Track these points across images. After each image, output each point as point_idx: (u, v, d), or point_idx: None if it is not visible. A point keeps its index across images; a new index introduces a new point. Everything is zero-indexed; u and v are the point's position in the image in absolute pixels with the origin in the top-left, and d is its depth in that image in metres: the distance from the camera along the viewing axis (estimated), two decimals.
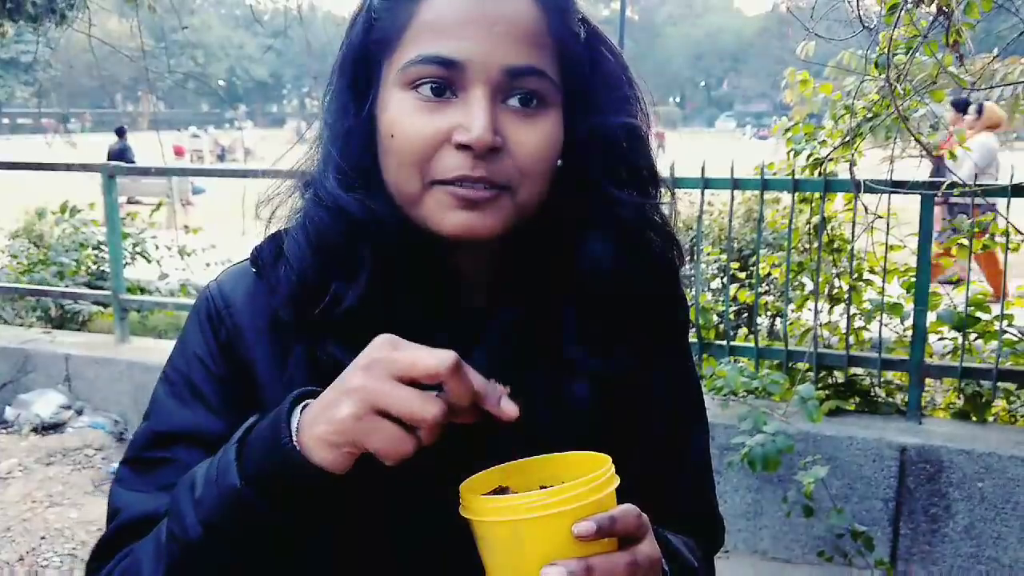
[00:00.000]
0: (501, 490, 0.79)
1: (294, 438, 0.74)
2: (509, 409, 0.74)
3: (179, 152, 21.38)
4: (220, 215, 10.36)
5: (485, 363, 0.87)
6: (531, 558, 0.70)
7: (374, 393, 0.71)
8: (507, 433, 0.86)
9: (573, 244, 0.90)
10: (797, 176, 3.78)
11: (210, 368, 0.92)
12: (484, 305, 0.92)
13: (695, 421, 1.07)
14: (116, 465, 4.26)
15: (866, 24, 3.07)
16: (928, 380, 3.64)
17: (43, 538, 3.68)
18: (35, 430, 4.75)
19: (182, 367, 0.94)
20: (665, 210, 0.95)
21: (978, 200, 3.48)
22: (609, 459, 0.77)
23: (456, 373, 0.71)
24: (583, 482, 0.72)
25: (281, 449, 0.74)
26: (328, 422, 0.72)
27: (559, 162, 0.88)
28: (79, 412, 4.88)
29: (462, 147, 0.80)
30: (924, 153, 3.66)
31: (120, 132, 15.61)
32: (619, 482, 0.75)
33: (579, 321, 0.90)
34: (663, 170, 0.96)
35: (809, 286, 4.09)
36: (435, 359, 0.71)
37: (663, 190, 0.94)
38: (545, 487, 0.76)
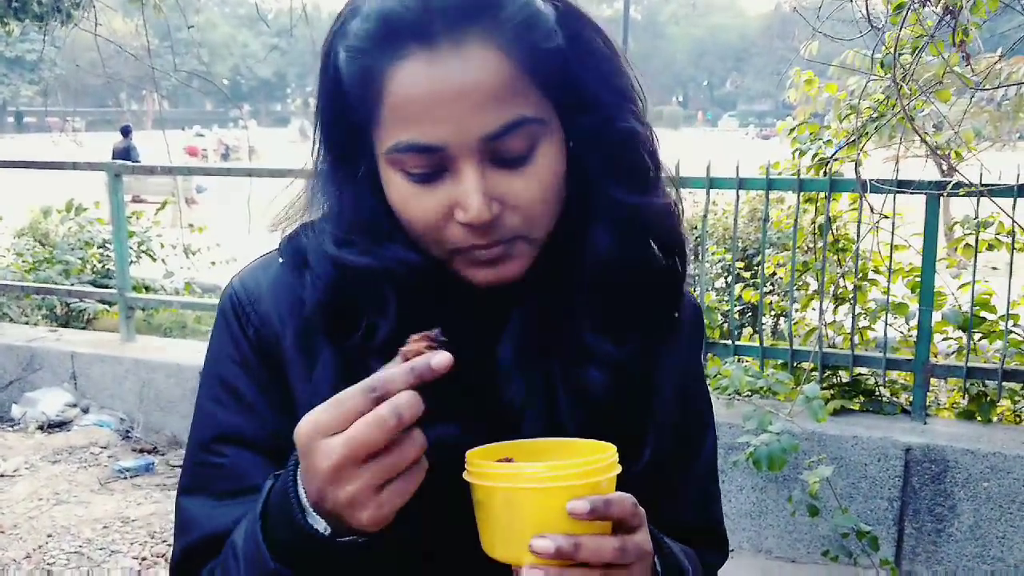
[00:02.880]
0: (506, 461, 0.80)
1: (308, 513, 0.74)
2: (439, 361, 0.72)
3: (192, 152, 21.34)
4: (224, 214, 10.39)
5: (511, 356, 0.90)
6: (524, 527, 0.72)
7: (361, 487, 0.71)
8: (536, 421, 0.89)
9: (578, 238, 0.90)
10: (802, 176, 3.78)
11: (241, 364, 0.92)
12: (506, 301, 0.92)
13: (704, 429, 1.08)
14: (122, 463, 4.30)
15: (874, 24, 3.07)
16: (933, 380, 3.64)
17: (50, 536, 3.70)
18: (41, 428, 4.77)
19: (215, 369, 0.95)
20: (671, 198, 0.93)
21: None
22: (614, 448, 0.78)
23: (387, 412, 0.70)
24: (584, 462, 0.73)
25: (300, 530, 0.74)
26: (372, 521, 0.72)
27: (570, 144, 0.87)
28: (85, 410, 4.90)
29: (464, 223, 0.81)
30: (929, 153, 3.66)
31: (125, 131, 15.64)
32: (620, 471, 0.76)
33: (592, 308, 0.91)
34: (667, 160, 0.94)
35: (814, 286, 4.09)
36: (368, 431, 0.69)
37: (665, 182, 0.92)
38: None
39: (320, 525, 0.74)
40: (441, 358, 0.72)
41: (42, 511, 3.92)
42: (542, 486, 0.71)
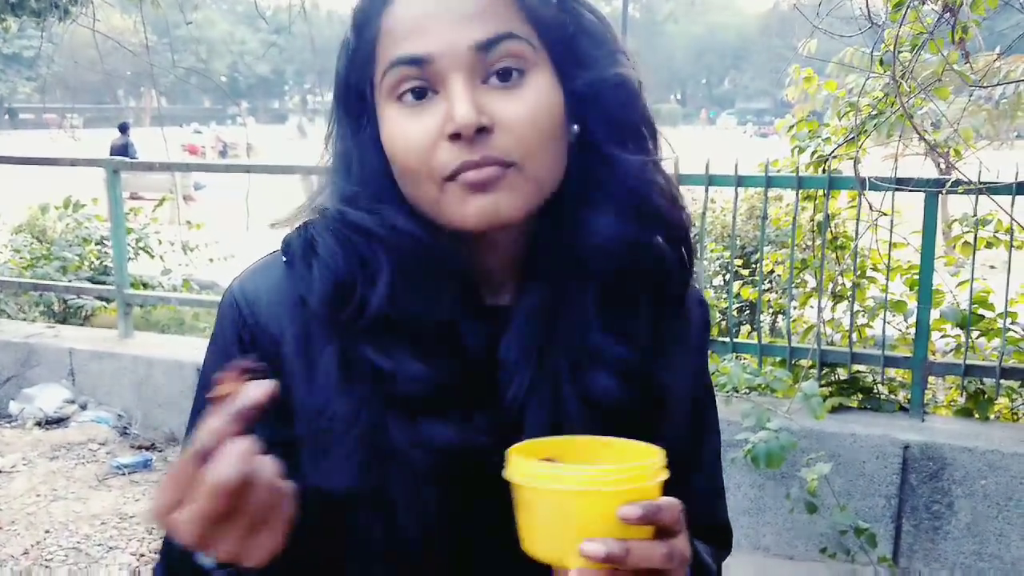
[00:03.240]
0: (549, 461, 0.78)
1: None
2: (255, 396, 0.68)
3: (193, 151, 21.28)
4: (221, 210, 10.40)
5: (513, 355, 0.88)
6: (572, 531, 0.71)
7: (233, 543, 0.69)
8: (539, 421, 0.87)
9: (583, 219, 0.88)
10: (801, 173, 3.78)
11: None
12: (511, 300, 0.91)
13: (709, 424, 1.07)
14: (120, 459, 4.29)
15: (875, 21, 3.07)
16: (930, 378, 3.64)
17: (48, 532, 3.70)
18: (39, 424, 4.76)
19: (208, 376, 0.93)
20: (668, 169, 0.93)
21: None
22: (661, 451, 0.77)
23: (220, 478, 0.66)
24: (636, 467, 0.72)
25: (189, 565, 0.74)
26: (261, 561, 0.71)
27: (575, 128, 0.87)
28: (83, 407, 4.90)
29: (454, 137, 0.80)
30: (928, 150, 3.67)
31: (123, 128, 15.61)
32: (667, 475, 0.75)
33: (600, 307, 0.89)
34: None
35: (812, 283, 4.09)
36: (209, 503, 0.66)
37: (662, 146, 0.92)
38: None
39: (206, 561, 0.73)
40: (255, 392, 0.68)
41: (40, 507, 3.92)
42: (594, 489, 0.70)
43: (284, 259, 0.92)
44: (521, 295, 0.90)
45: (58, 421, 4.80)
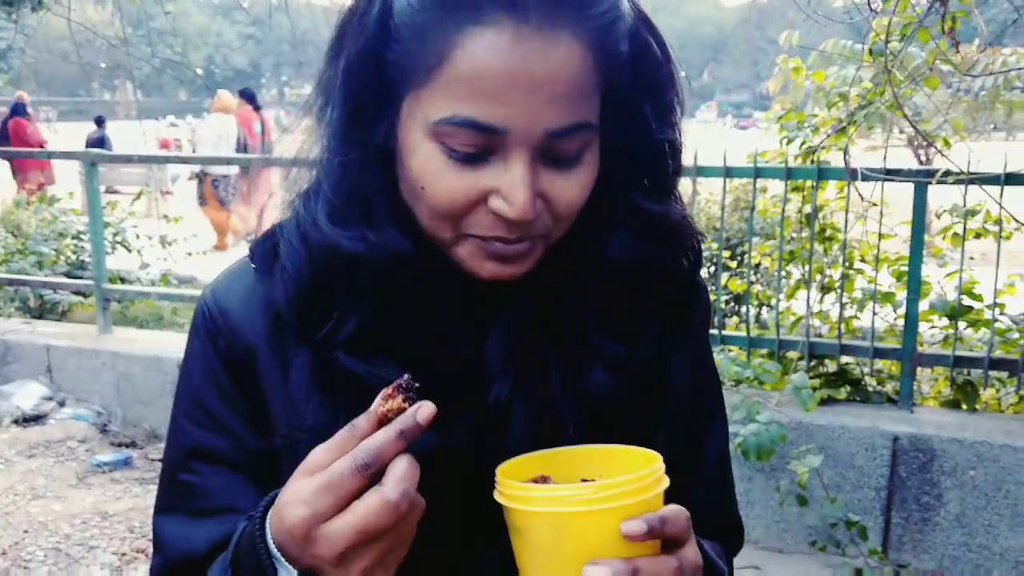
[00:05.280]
0: (542, 479, 0.75)
1: (277, 561, 0.70)
2: (425, 416, 0.69)
3: (165, 145, 21.01)
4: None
5: (498, 356, 0.85)
6: (572, 554, 0.67)
7: (369, 564, 0.68)
8: (525, 422, 0.84)
9: (593, 241, 0.85)
10: (790, 164, 3.76)
11: (212, 381, 0.88)
12: (501, 295, 0.87)
13: (714, 418, 1.03)
14: (100, 457, 4.22)
15: (872, 10, 3.05)
16: (918, 368, 3.64)
17: (26, 532, 3.62)
18: (16, 422, 4.68)
19: (188, 385, 0.91)
20: (685, 201, 0.91)
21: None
22: (660, 457, 0.73)
23: (397, 497, 0.66)
24: (634, 478, 0.68)
25: None
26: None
27: None
28: (61, 404, 4.81)
29: (499, 215, 0.75)
30: (918, 141, 3.66)
31: (99, 121, 15.41)
32: (668, 483, 0.71)
33: (600, 306, 0.86)
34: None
35: (797, 275, 4.08)
36: (379, 519, 0.65)
37: (683, 188, 0.90)
38: (586, 481, 0.73)
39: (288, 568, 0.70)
40: (425, 411, 0.68)
41: (18, 507, 3.85)
42: (592, 508, 0.66)
43: (253, 266, 0.89)
44: (512, 293, 0.86)
45: (36, 418, 4.71)
